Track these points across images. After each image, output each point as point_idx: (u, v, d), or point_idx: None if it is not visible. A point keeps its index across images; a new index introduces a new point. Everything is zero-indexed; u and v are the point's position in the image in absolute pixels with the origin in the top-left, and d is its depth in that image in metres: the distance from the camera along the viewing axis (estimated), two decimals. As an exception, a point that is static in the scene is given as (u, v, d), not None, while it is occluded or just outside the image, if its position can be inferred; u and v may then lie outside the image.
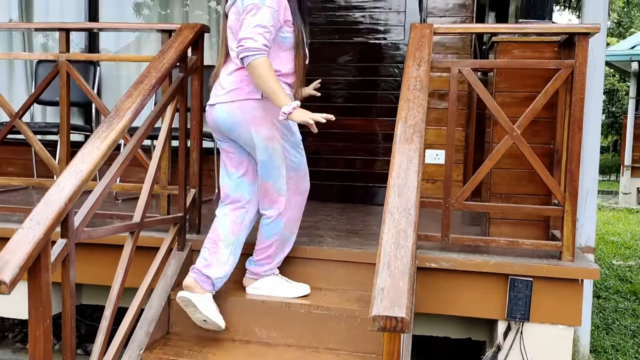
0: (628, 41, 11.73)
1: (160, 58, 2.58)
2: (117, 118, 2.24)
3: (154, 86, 2.42)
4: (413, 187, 1.80)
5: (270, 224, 2.53)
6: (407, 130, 2.07)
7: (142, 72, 2.50)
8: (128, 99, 2.34)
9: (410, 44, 2.52)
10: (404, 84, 2.29)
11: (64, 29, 3.00)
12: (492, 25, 2.86)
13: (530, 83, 2.87)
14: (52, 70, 3.02)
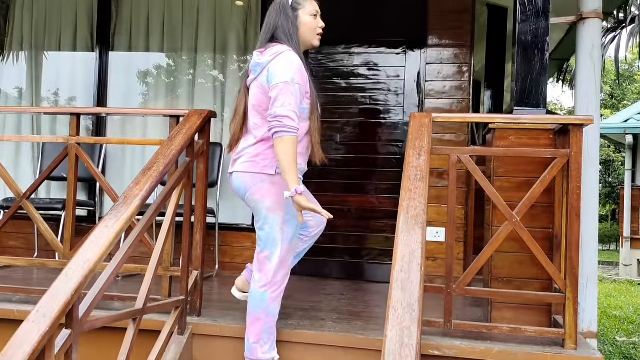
0: (622, 114, 12.02)
1: (169, 145, 2.65)
2: (125, 205, 2.29)
3: (162, 173, 2.49)
4: (416, 282, 1.83)
5: (256, 293, 2.54)
6: (409, 221, 2.11)
7: (150, 159, 2.57)
8: (136, 186, 2.39)
9: (410, 133, 2.60)
10: (405, 173, 2.36)
11: (74, 113, 3.10)
12: (489, 116, 2.96)
13: (528, 168, 2.94)
14: (61, 153, 3.10)
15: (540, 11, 3.10)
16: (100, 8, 4.91)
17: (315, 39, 2.65)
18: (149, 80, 5.04)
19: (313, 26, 2.61)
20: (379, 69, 4.48)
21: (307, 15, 2.59)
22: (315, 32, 2.63)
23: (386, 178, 4.40)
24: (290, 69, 2.42)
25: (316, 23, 2.62)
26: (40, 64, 5.17)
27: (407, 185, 2.27)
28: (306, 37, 2.61)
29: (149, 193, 2.38)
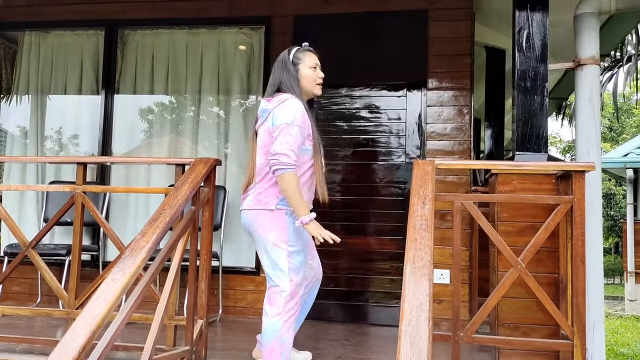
0: (621, 148, 12.09)
1: (175, 194, 2.68)
2: (132, 258, 2.30)
3: (168, 224, 2.50)
4: (425, 336, 1.82)
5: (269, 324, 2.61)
6: (416, 272, 2.11)
7: (157, 209, 2.59)
8: (143, 238, 2.41)
9: (414, 181, 2.63)
10: (410, 222, 2.37)
11: (81, 162, 3.13)
12: (492, 163, 2.99)
13: (531, 213, 2.96)
14: (68, 201, 3.12)
15: (538, 58, 3.17)
16: (106, 53, 4.99)
17: (316, 88, 2.86)
18: (153, 119, 5.09)
19: (313, 77, 2.84)
20: (380, 111, 4.54)
21: (306, 68, 2.82)
22: (315, 83, 2.85)
23: (389, 219, 4.41)
24: (292, 113, 2.65)
25: (316, 74, 2.85)
26: (46, 105, 5.23)
27: (413, 235, 2.28)
28: (307, 87, 2.83)
29: (155, 244, 2.39)
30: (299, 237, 2.73)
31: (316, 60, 2.86)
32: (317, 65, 2.86)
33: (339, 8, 4.60)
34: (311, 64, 2.82)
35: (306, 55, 2.84)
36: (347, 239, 4.46)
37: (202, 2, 4.77)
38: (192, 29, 4.95)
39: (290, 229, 2.68)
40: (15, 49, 5.35)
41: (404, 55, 4.53)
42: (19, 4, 5.02)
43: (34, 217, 5.05)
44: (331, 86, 4.59)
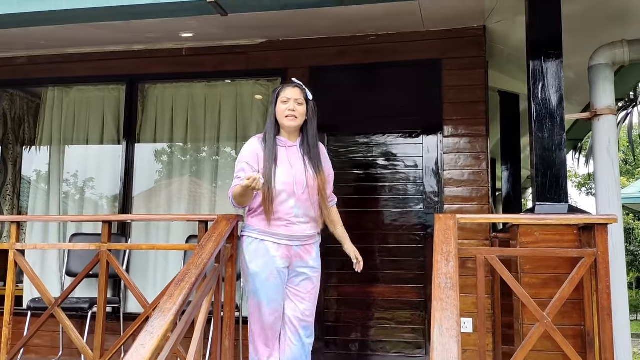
0: (639, 183, 12.00)
1: (200, 253, 2.71)
2: (159, 320, 2.32)
3: (194, 284, 2.53)
4: (455, 403, 1.81)
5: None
6: (444, 334, 2.11)
7: (183, 269, 2.62)
8: (170, 300, 2.43)
9: (436, 237, 2.64)
10: (434, 281, 2.38)
11: (106, 221, 3.19)
12: (514, 216, 2.99)
13: (554, 264, 2.95)
14: (93, 259, 3.17)
15: (555, 109, 3.21)
16: (127, 106, 5.11)
17: (285, 120, 2.93)
18: (173, 164, 5.17)
19: (281, 110, 2.93)
20: (397, 158, 4.58)
21: (280, 103, 2.94)
22: (283, 115, 2.92)
23: (409, 267, 4.40)
24: (240, 153, 2.96)
25: (285, 107, 2.92)
26: (68, 154, 5.34)
27: (439, 295, 2.28)
28: (280, 120, 2.95)
29: (182, 306, 2.41)
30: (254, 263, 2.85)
31: (289, 94, 2.92)
32: (290, 98, 2.91)
33: (353, 59, 4.69)
34: (283, 98, 2.93)
35: (283, 90, 2.96)
36: (366, 287, 4.45)
37: (220, 57, 4.89)
38: (211, 82, 5.07)
39: (245, 254, 2.88)
40: (39, 103, 5.51)
41: (419, 103, 4.59)
42: (43, 61, 5.17)
43: (56, 269, 5.09)
44: (347, 134, 4.67)
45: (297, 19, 4.33)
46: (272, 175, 2.84)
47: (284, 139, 2.96)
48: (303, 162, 2.92)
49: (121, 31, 4.49)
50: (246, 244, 2.90)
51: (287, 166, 2.89)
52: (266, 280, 2.83)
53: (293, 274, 2.92)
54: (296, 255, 2.90)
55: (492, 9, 4.05)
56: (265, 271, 2.84)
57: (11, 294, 3.22)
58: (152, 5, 3.04)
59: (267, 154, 2.88)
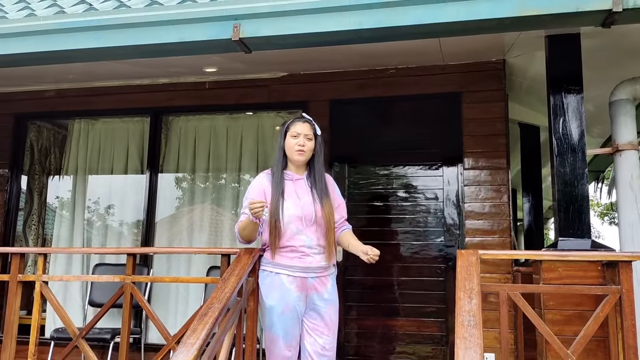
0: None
1: (223, 287, 2.74)
2: (183, 355, 2.34)
3: (217, 318, 2.55)
4: None
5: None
6: (467, 374, 2.10)
7: (206, 302, 2.65)
8: (193, 334, 2.45)
9: (458, 273, 2.64)
10: (457, 319, 2.37)
11: (131, 253, 3.24)
12: (536, 252, 2.98)
13: (578, 301, 2.93)
14: (117, 291, 3.21)
15: (576, 144, 3.21)
16: (151, 138, 5.21)
17: (295, 154, 2.97)
18: (195, 193, 5.24)
19: (291, 145, 2.97)
20: (417, 190, 4.59)
21: (290, 137, 2.98)
22: (294, 150, 2.96)
23: (430, 301, 4.38)
24: (248, 189, 3.03)
25: (295, 142, 2.96)
26: (92, 183, 5.45)
27: (462, 333, 2.27)
28: (289, 155, 3.00)
29: (205, 341, 2.43)
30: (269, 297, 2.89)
31: (299, 129, 2.96)
32: (300, 133, 2.95)
33: (373, 92, 4.75)
34: (293, 132, 2.97)
35: (293, 125, 2.99)
36: (387, 320, 4.43)
37: (242, 90, 4.99)
38: (233, 114, 5.16)
39: (260, 288, 2.94)
40: (65, 134, 5.64)
41: (439, 135, 4.62)
42: (71, 94, 5.31)
43: (78, 299, 5.15)
44: (367, 166, 4.70)
45: (318, 55, 4.41)
46: (279, 209, 2.89)
47: (291, 172, 3.02)
48: (311, 194, 2.97)
49: (147, 66, 4.61)
50: (262, 278, 2.94)
51: (294, 199, 2.93)
52: (282, 314, 2.84)
53: (310, 307, 2.91)
54: (312, 288, 2.90)
55: (512, 44, 4.09)
56: (281, 304, 2.84)
57: (37, 325, 3.27)
58: (180, 44, 3.13)
59: (274, 188, 2.93)
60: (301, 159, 2.97)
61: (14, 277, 3.30)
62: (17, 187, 5.38)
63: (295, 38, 3.03)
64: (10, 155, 5.37)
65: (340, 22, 2.90)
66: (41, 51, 3.21)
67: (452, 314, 4.26)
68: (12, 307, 3.25)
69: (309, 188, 2.99)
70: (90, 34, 3.15)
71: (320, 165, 3.04)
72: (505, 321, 2.74)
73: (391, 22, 2.85)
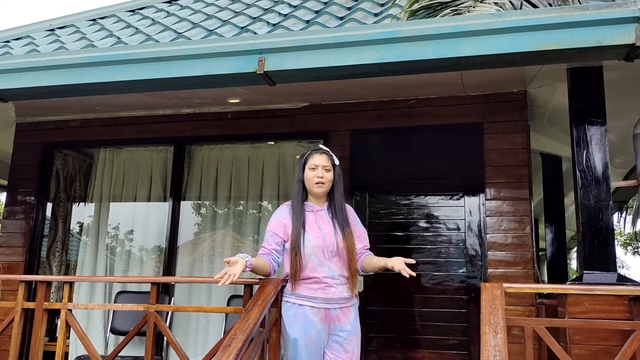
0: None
1: (246, 318, 2.74)
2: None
3: (241, 350, 2.55)
4: None
5: None
6: (493, 411, 2.07)
7: (230, 333, 2.65)
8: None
9: (483, 307, 2.62)
10: (482, 353, 2.35)
11: (155, 282, 3.27)
12: (562, 286, 2.95)
13: (605, 336, 2.88)
14: (141, 321, 3.23)
15: (600, 177, 3.20)
16: (175, 167, 5.29)
17: (314, 187, 3.01)
18: (217, 220, 5.29)
19: (310, 177, 3.01)
20: (438, 221, 4.58)
21: (308, 170, 3.02)
22: (313, 182, 3.00)
23: (453, 333, 4.33)
24: (270, 220, 3.05)
25: (314, 174, 2.99)
26: (116, 211, 5.54)
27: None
28: (308, 187, 3.04)
29: (228, 373, 2.43)
30: (292, 329, 2.88)
31: (317, 161, 3.00)
32: (318, 165, 2.98)
33: (393, 122, 4.78)
34: (311, 164, 3.00)
35: (311, 157, 3.03)
36: (408, 352, 4.38)
37: (265, 120, 5.06)
38: (255, 144, 5.23)
39: (283, 320, 2.95)
40: (90, 162, 5.76)
41: (460, 165, 4.62)
42: (96, 124, 5.43)
43: (100, 326, 5.19)
44: (388, 195, 4.71)
45: (339, 86, 4.47)
46: (300, 241, 2.92)
47: (312, 204, 3.04)
48: (332, 225, 2.99)
49: (171, 97, 4.71)
50: (284, 309, 2.95)
51: (316, 230, 2.96)
52: (305, 346, 2.84)
53: (332, 338, 2.92)
54: (335, 319, 2.91)
55: (534, 76, 4.10)
56: (305, 337, 2.85)
57: (62, 353, 3.29)
58: (205, 77, 3.20)
59: (295, 220, 2.96)
60: (321, 191, 3.01)
61: (40, 305, 3.34)
62: (42, 215, 5.47)
63: (319, 72, 3.09)
64: (37, 183, 5.47)
65: (362, 55, 2.96)
66: (72, 84, 3.30)
67: (475, 346, 4.21)
68: (37, 335, 3.29)
69: (330, 219, 3.01)
70: (119, 67, 3.24)
71: (340, 195, 3.06)
72: (531, 356, 2.71)
73: (412, 56, 2.89)
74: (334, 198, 3.05)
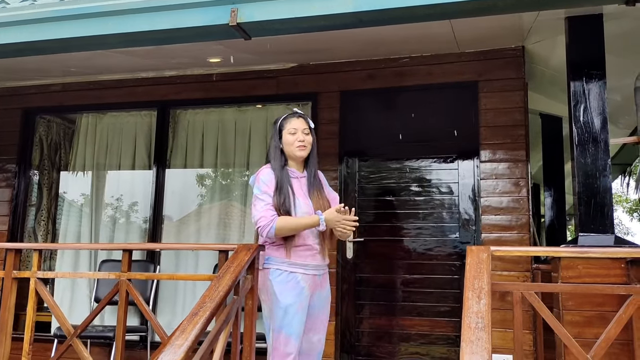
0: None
1: (216, 285, 2.59)
2: (169, 356, 2.20)
3: (209, 319, 2.40)
4: None
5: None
6: (472, 382, 1.91)
7: (197, 302, 2.50)
8: (182, 335, 2.31)
9: (467, 271, 2.45)
10: (464, 321, 2.18)
11: (126, 249, 3.11)
12: (553, 249, 2.77)
13: (599, 301, 2.72)
14: (112, 289, 3.09)
15: (598, 132, 3.00)
16: (158, 132, 5.10)
17: (296, 150, 2.93)
18: (202, 189, 5.14)
19: (291, 141, 2.93)
20: (431, 184, 4.39)
21: (287, 135, 2.94)
22: (294, 146, 2.92)
23: (445, 299, 4.18)
24: (257, 185, 2.89)
25: (294, 138, 2.92)
26: (101, 178, 5.37)
27: (468, 336, 2.08)
28: (289, 152, 2.95)
29: (194, 342, 2.28)
30: (285, 296, 2.77)
31: (296, 125, 2.93)
32: (297, 129, 2.92)
33: (385, 82, 4.55)
34: (290, 129, 2.93)
35: (288, 121, 2.96)
36: (399, 320, 4.25)
37: (250, 82, 4.84)
38: (241, 107, 5.02)
39: (274, 288, 2.79)
40: (74, 129, 5.56)
41: (454, 127, 4.41)
42: (77, 88, 5.23)
43: (85, 297, 5.07)
44: (379, 159, 4.52)
45: (327, 43, 4.24)
46: (291, 206, 2.85)
47: (294, 169, 2.98)
48: (314, 192, 2.97)
49: (149, 57, 4.49)
50: (274, 276, 2.82)
51: (303, 197, 2.93)
52: (296, 314, 2.78)
53: (311, 305, 2.89)
54: (318, 285, 2.92)
55: (530, 28, 3.86)
56: (296, 303, 2.79)
57: (31, 323, 3.16)
58: (173, 31, 2.99)
59: (285, 186, 2.88)
60: (304, 154, 2.95)
61: (9, 273, 3.20)
62: (25, 182, 5.31)
63: (295, 22, 2.87)
64: (18, 150, 5.31)
65: (337, 4, 2.72)
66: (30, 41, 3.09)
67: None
68: (6, 304, 3.16)
69: (310, 185, 2.98)
70: (80, 23, 3.02)
71: (316, 160, 3.04)
72: (519, 322, 2.54)
73: (391, 4, 2.65)
74: (311, 163, 3.02)
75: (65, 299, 5.11)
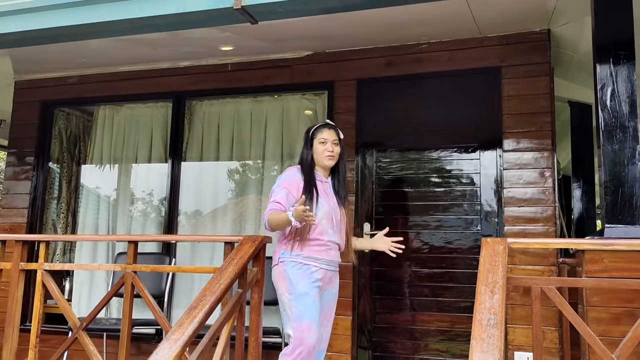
0: None
1: (218, 278, 2.50)
2: (165, 350, 2.11)
3: (208, 312, 2.31)
4: None
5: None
6: (481, 383, 1.77)
7: (197, 295, 2.42)
8: (179, 329, 2.23)
9: (481, 264, 2.30)
10: (475, 317, 2.03)
11: (132, 241, 3.05)
12: (576, 241, 2.60)
13: (627, 297, 2.52)
14: (118, 282, 3.03)
15: (626, 117, 2.80)
16: (174, 123, 5.03)
17: (325, 160, 3.18)
18: (219, 182, 5.05)
19: (320, 151, 3.18)
20: (451, 175, 4.22)
21: (317, 144, 3.18)
22: (323, 155, 3.17)
23: (465, 295, 4.01)
24: (279, 179, 3.16)
25: (324, 148, 3.16)
26: (119, 170, 5.33)
27: (479, 334, 1.94)
28: (318, 160, 3.20)
29: (191, 337, 2.20)
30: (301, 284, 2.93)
31: (327, 136, 3.17)
32: (327, 140, 3.15)
33: (402, 70, 4.39)
34: (321, 139, 3.17)
35: (320, 131, 3.20)
36: (418, 315, 4.11)
37: (265, 71, 4.73)
38: (257, 97, 4.92)
39: (290, 277, 2.94)
40: (92, 122, 5.54)
41: (476, 115, 4.22)
42: (93, 80, 5.20)
43: (104, 289, 5.05)
44: (397, 149, 4.37)
45: (343, 28, 4.10)
46: (314, 206, 3.05)
47: (320, 174, 3.20)
48: (335, 197, 3.20)
49: (162, 45, 4.42)
50: (289, 267, 2.97)
51: (325, 199, 3.13)
52: (314, 302, 2.93)
53: (323, 298, 3.05)
54: (329, 281, 3.10)
55: (554, 9, 3.65)
56: (312, 291, 2.94)
57: (39, 315, 3.13)
58: (179, 15, 2.90)
59: (308, 184, 3.10)
60: (332, 164, 3.19)
61: (16, 265, 3.16)
62: (43, 175, 5.31)
63: (299, 4, 2.74)
64: (37, 143, 5.31)
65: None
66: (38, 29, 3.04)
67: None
68: (13, 295, 3.12)
69: (334, 191, 3.22)
70: (86, 9, 2.95)
71: (344, 170, 3.29)
72: (538, 319, 2.38)
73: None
74: (339, 172, 3.25)
75: (84, 292, 5.11)
